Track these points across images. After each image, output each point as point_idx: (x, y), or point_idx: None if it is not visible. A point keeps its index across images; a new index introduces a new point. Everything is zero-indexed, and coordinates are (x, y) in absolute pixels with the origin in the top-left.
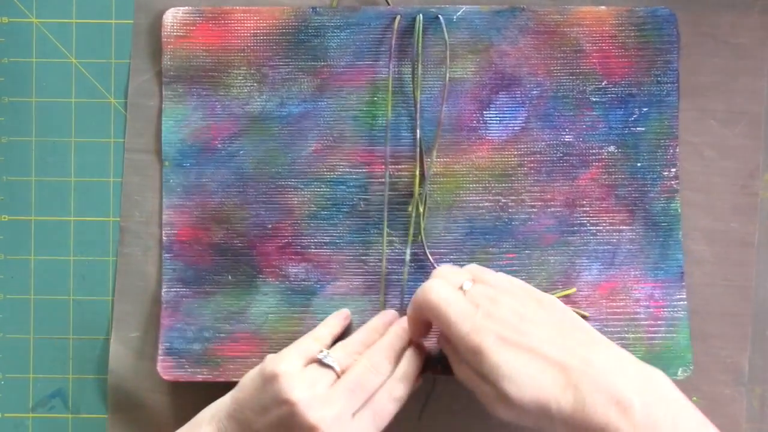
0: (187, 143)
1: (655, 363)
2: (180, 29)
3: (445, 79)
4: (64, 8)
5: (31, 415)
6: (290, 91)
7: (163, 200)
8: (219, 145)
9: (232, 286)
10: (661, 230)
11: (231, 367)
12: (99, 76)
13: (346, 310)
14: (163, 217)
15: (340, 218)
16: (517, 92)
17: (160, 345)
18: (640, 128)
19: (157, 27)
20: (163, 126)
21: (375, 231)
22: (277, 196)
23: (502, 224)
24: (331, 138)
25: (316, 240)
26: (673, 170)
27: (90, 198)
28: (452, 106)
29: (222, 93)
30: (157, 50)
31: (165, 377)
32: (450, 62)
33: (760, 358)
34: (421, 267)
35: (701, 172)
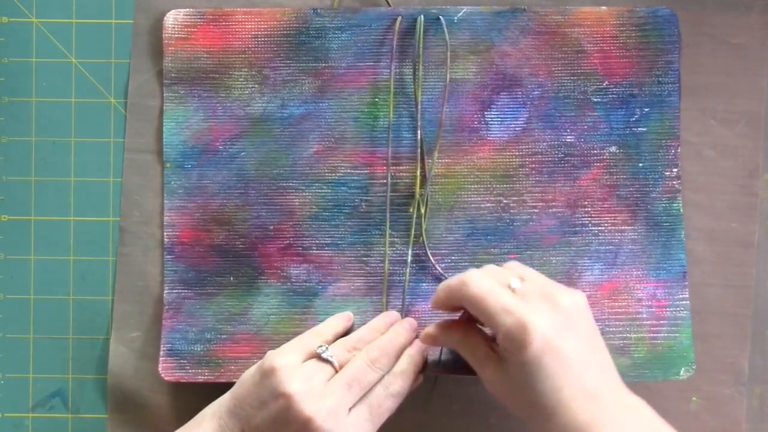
0: (189, 145)
1: (657, 363)
2: (181, 31)
3: (446, 80)
4: (64, 8)
5: (31, 415)
6: (291, 93)
7: (165, 202)
8: (220, 147)
9: (233, 287)
10: (663, 230)
11: (232, 368)
12: (99, 76)
13: (349, 312)
14: (165, 218)
15: (341, 219)
16: (518, 93)
17: (162, 346)
18: (641, 128)
19: (157, 27)
20: (164, 128)
21: (376, 232)
22: (278, 198)
23: (503, 225)
24: (332, 139)
25: (317, 241)
26: (675, 170)
27: (90, 198)
28: (453, 106)
29: (223, 94)
30: (157, 50)
31: (166, 378)
32: (451, 63)
33: (760, 358)
34: (423, 268)
35: (701, 172)
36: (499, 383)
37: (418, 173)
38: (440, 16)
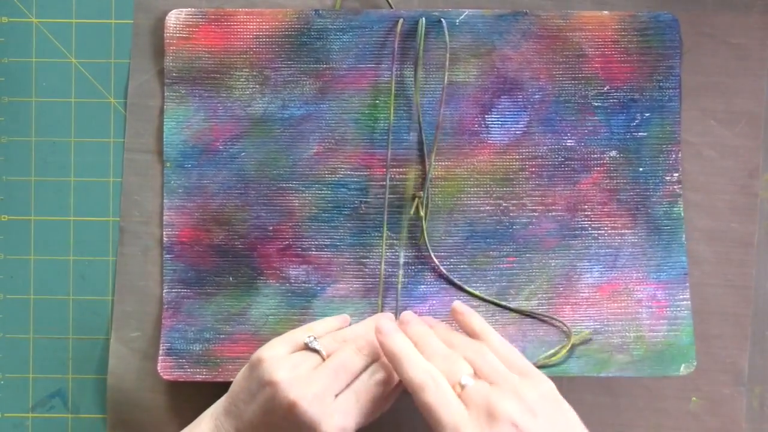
0: (189, 145)
1: (656, 360)
2: (182, 31)
3: (444, 83)
4: (64, 8)
5: (30, 415)
6: (292, 94)
7: (165, 201)
8: (220, 147)
9: (232, 287)
10: (663, 233)
11: (230, 367)
12: (99, 76)
13: (345, 315)
14: (164, 218)
15: (340, 221)
16: (519, 96)
17: (161, 345)
18: (642, 133)
19: (157, 27)
20: (164, 127)
21: (376, 234)
22: (278, 198)
23: (503, 228)
24: (332, 140)
25: (316, 242)
26: (676, 175)
27: (90, 198)
28: (454, 109)
29: (224, 95)
30: (157, 50)
31: (165, 377)
32: (452, 66)
33: (760, 358)
34: (421, 270)
35: (701, 172)
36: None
37: (413, 175)
38: (442, 19)
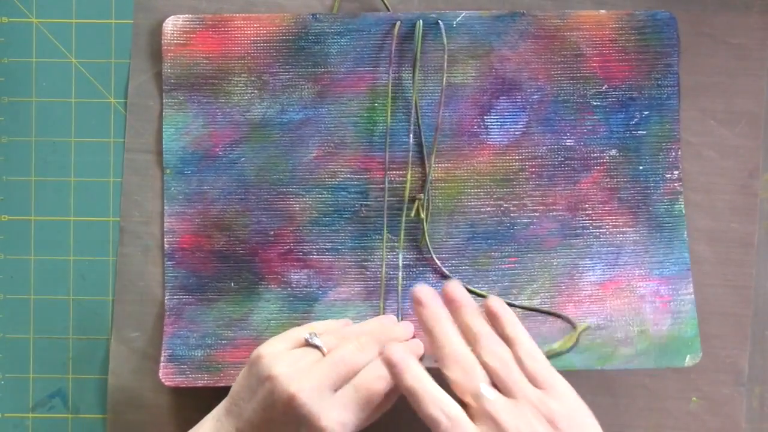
0: (188, 151)
1: (660, 353)
2: (180, 37)
3: (442, 84)
4: (64, 8)
5: (31, 415)
6: (291, 98)
7: (165, 208)
8: (220, 153)
9: (234, 293)
10: (665, 231)
11: (232, 372)
12: (99, 76)
13: (347, 320)
14: (165, 224)
15: (341, 224)
16: (517, 97)
17: (163, 352)
18: (641, 132)
19: (157, 27)
20: (164, 134)
21: (377, 237)
22: (278, 203)
23: (504, 229)
24: (332, 144)
25: (317, 246)
26: (676, 173)
27: (90, 198)
28: (453, 111)
29: (223, 100)
30: (157, 50)
31: (167, 383)
32: (450, 67)
33: (760, 358)
34: (423, 272)
35: (701, 172)
36: None
37: (413, 177)
38: (439, 21)
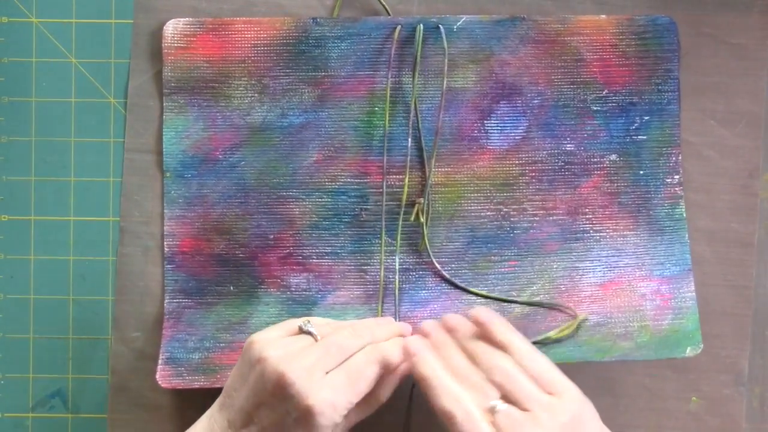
0: (189, 154)
1: (660, 345)
2: (180, 40)
3: (443, 89)
4: (64, 8)
5: (31, 415)
6: (291, 102)
7: (165, 211)
8: (220, 156)
9: (233, 296)
10: (666, 234)
11: (228, 374)
12: (99, 76)
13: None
14: (165, 228)
15: (341, 228)
16: (518, 101)
17: (161, 355)
18: (641, 136)
19: (157, 28)
20: (164, 137)
21: (376, 241)
22: (278, 207)
23: (504, 233)
24: (332, 148)
25: (317, 250)
26: (677, 177)
27: (90, 198)
28: (453, 115)
29: (223, 104)
30: (157, 50)
31: (163, 385)
32: (451, 72)
33: (760, 358)
34: (423, 276)
35: (701, 172)
36: None
37: (412, 182)
38: (439, 25)
